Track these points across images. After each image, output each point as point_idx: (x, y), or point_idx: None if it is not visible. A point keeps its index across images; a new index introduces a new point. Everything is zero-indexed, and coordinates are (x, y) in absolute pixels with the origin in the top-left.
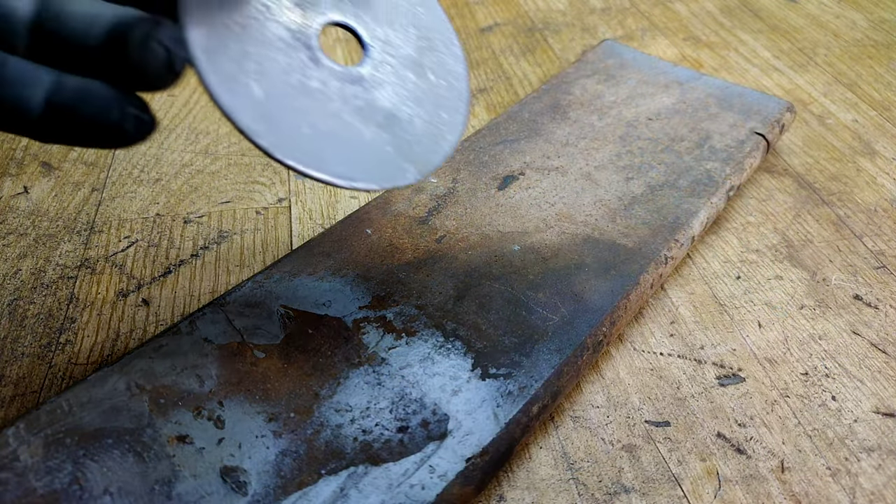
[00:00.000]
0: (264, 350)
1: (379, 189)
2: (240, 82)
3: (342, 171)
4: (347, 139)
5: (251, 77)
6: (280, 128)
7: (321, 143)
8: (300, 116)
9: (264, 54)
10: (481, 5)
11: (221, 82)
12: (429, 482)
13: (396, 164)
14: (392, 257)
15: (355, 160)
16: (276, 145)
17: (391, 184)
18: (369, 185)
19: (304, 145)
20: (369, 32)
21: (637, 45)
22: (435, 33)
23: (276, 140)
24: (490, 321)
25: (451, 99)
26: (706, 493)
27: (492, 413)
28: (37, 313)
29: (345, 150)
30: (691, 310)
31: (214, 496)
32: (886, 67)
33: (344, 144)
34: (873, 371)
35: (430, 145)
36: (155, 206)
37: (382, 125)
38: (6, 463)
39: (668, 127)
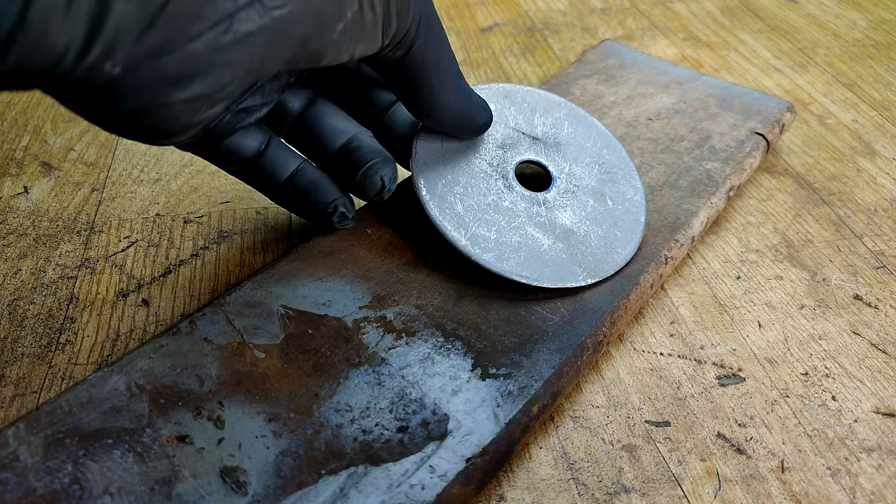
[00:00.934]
0: (264, 350)
1: (551, 287)
2: (447, 200)
3: (520, 269)
4: (527, 245)
5: (457, 197)
6: (474, 234)
7: (505, 247)
8: (490, 226)
9: (469, 181)
10: (481, 5)
11: (433, 199)
12: (429, 482)
13: (569, 269)
14: (392, 257)
15: (532, 262)
16: (468, 247)
17: (563, 284)
18: (542, 283)
19: (491, 248)
20: (557, 168)
21: (637, 45)
22: (617, 169)
23: (468, 243)
24: (490, 321)
25: (628, 221)
26: (706, 493)
27: (492, 413)
28: (37, 313)
29: (524, 253)
30: (691, 310)
31: (214, 496)
32: (886, 67)
33: (524, 249)
34: (873, 371)
35: (602, 256)
36: (155, 206)
37: (560, 237)
38: (6, 463)
39: (668, 127)
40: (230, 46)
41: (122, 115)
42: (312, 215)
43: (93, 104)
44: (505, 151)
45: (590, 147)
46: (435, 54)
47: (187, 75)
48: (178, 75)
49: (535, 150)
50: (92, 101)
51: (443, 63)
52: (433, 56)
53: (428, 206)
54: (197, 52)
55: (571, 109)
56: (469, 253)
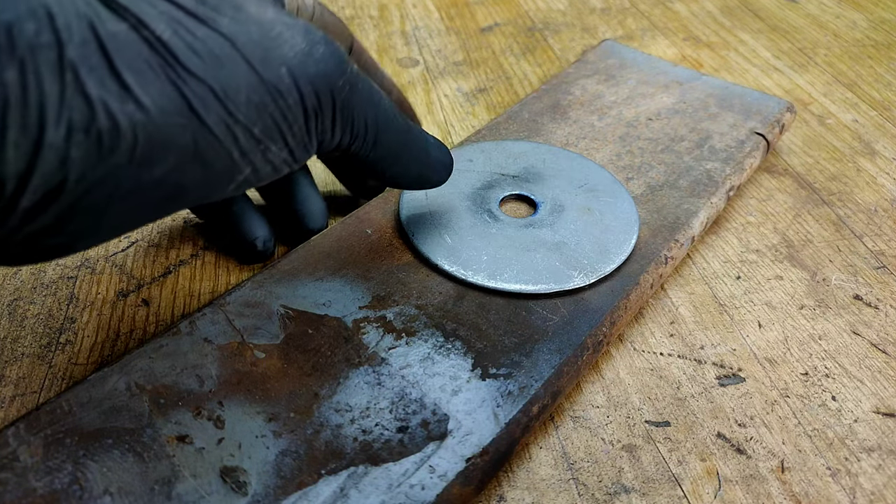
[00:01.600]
0: (264, 350)
1: (548, 291)
2: (435, 237)
3: (515, 281)
4: (519, 261)
5: (444, 233)
6: (465, 260)
7: (497, 265)
8: (480, 251)
9: (455, 219)
10: (481, 5)
11: (424, 243)
12: (429, 482)
13: (564, 273)
14: (392, 257)
15: (526, 273)
16: (460, 271)
17: (560, 287)
18: (538, 290)
19: (483, 268)
20: (541, 195)
21: (637, 45)
22: (601, 186)
23: (459, 267)
24: (490, 321)
25: (620, 225)
26: (706, 493)
27: (492, 413)
28: (37, 313)
29: (517, 268)
30: (691, 310)
31: (214, 496)
32: (886, 67)
33: (516, 264)
34: (873, 371)
35: (597, 258)
36: None
37: (552, 249)
38: (6, 463)
39: (668, 127)
40: (112, 220)
41: (15, 261)
42: (233, 243)
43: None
44: (487, 191)
45: (571, 173)
46: (384, 149)
47: (68, 246)
48: (61, 246)
49: (516, 185)
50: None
51: (395, 151)
52: (381, 151)
53: (417, 243)
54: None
55: (550, 148)
56: (462, 276)
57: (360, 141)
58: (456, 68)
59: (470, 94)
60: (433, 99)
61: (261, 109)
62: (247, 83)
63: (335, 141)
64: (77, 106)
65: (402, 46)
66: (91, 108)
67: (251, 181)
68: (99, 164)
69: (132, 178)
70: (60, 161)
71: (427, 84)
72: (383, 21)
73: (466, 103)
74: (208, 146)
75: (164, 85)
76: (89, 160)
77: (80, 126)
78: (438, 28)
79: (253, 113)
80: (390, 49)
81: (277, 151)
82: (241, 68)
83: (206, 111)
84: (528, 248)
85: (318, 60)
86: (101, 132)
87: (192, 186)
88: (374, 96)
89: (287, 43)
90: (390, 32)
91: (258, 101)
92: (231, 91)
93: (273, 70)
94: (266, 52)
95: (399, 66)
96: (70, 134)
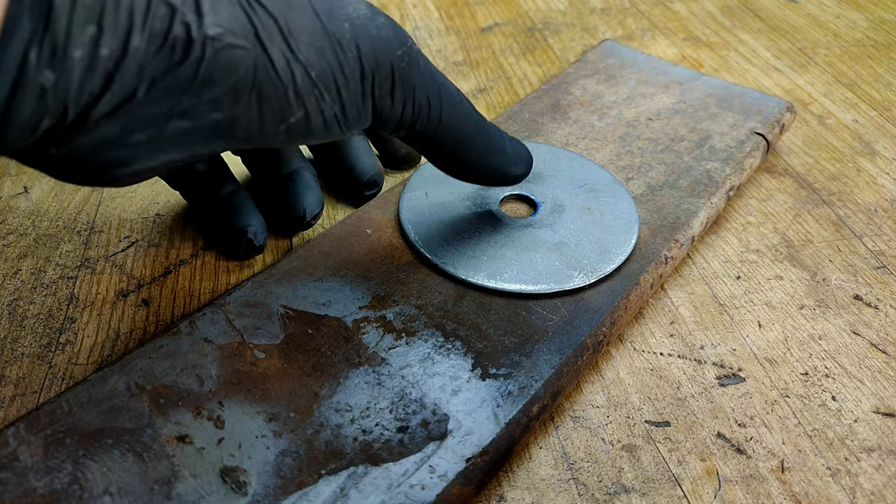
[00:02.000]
0: (264, 350)
1: (548, 291)
2: (435, 239)
3: (515, 281)
4: (519, 261)
5: (444, 235)
6: (465, 260)
7: (497, 265)
8: (480, 252)
9: (455, 220)
10: (481, 5)
11: (424, 243)
12: (429, 482)
13: (564, 273)
14: (392, 257)
15: (526, 273)
16: (460, 270)
17: (560, 287)
18: (538, 289)
19: (483, 268)
20: (541, 195)
21: (637, 45)
22: (601, 186)
23: (460, 266)
24: (490, 321)
25: (620, 225)
26: (706, 493)
27: (492, 413)
28: (37, 313)
29: (517, 268)
30: (691, 310)
31: (214, 496)
32: (886, 67)
33: (516, 264)
34: (873, 371)
35: (597, 258)
36: (155, 206)
37: (552, 249)
38: (6, 463)
39: (668, 127)
40: (168, 139)
41: (73, 177)
42: (225, 234)
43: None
44: (487, 190)
45: (571, 173)
46: (452, 132)
47: (127, 160)
48: (120, 159)
49: (519, 187)
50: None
51: (465, 135)
52: (449, 134)
53: (417, 243)
54: (137, 142)
55: (551, 148)
56: (462, 276)
57: (425, 119)
58: (456, 68)
59: (470, 94)
60: None
61: (320, 54)
62: (311, 27)
63: (396, 113)
64: (160, 15)
65: None
66: (171, 17)
67: (301, 129)
68: (167, 74)
69: (193, 93)
70: (139, 67)
71: None
72: None
73: None
74: (267, 76)
75: (236, 9)
76: (160, 69)
77: (159, 34)
78: (438, 28)
79: (313, 55)
80: None
81: (331, 103)
82: (308, 13)
83: (271, 42)
84: (528, 248)
85: (380, 27)
86: (176, 42)
87: (245, 118)
88: (436, 76)
89: (352, 5)
90: None
91: (318, 46)
92: (295, 30)
93: (336, 23)
94: (332, 6)
95: None
96: (150, 41)
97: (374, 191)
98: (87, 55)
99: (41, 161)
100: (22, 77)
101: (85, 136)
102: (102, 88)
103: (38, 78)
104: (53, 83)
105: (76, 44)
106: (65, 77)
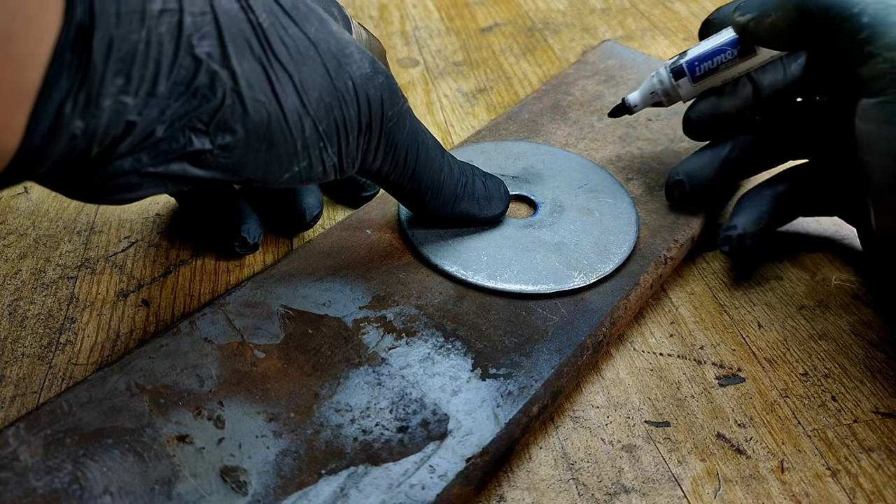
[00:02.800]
0: (264, 350)
1: (548, 291)
2: (435, 239)
3: (515, 281)
4: (520, 261)
5: (443, 234)
6: (465, 260)
7: (497, 266)
8: (480, 252)
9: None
10: (481, 5)
11: (424, 243)
12: (429, 482)
13: (564, 273)
14: (392, 257)
15: (526, 273)
16: (460, 271)
17: (560, 287)
18: (538, 290)
19: (483, 268)
20: (541, 195)
21: (637, 46)
22: (601, 187)
23: (460, 266)
24: (490, 321)
25: (619, 225)
26: (706, 493)
27: (492, 413)
28: (37, 313)
29: (517, 268)
30: (691, 310)
31: (214, 496)
32: None
33: (516, 264)
34: (873, 371)
35: (596, 258)
36: (155, 206)
37: (552, 250)
38: (6, 463)
39: (668, 127)
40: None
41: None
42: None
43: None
44: None
45: (571, 174)
46: (422, 182)
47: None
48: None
49: (516, 186)
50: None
51: (434, 184)
52: (420, 184)
53: (417, 243)
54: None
55: (550, 149)
56: (462, 276)
57: (400, 171)
58: (456, 68)
59: (470, 94)
60: (433, 99)
61: (328, 110)
62: (321, 83)
63: (375, 165)
64: (185, 65)
65: (402, 47)
66: (197, 67)
67: (301, 176)
68: (185, 117)
69: (207, 137)
70: (160, 111)
71: (427, 84)
72: (383, 21)
73: (466, 103)
74: (279, 128)
75: (255, 64)
76: (180, 113)
77: (182, 82)
78: (438, 28)
79: (322, 110)
80: (390, 49)
81: (331, 155)
82: (319, 69)
83: (285, 96)
84: (528, 248)
85: (378, 87)
86: (198, 90)
87: (252, 164)
88: (418, 133)
89: (356, 63)
90: (390, 33)
91: (327, 102)
92: (308, 86)
93: (342, 80)
94: (339, 63)
95: (399, 66)
96: (173, 88)
97: (374, 191)
98: (114, 103)
99: (54, 183)
100: (56, 125)
101: (100, 165)
102: (125, 131)
103: (71, 127)
104: (83, 130)
105: (106, 94)
106: (93, 123)
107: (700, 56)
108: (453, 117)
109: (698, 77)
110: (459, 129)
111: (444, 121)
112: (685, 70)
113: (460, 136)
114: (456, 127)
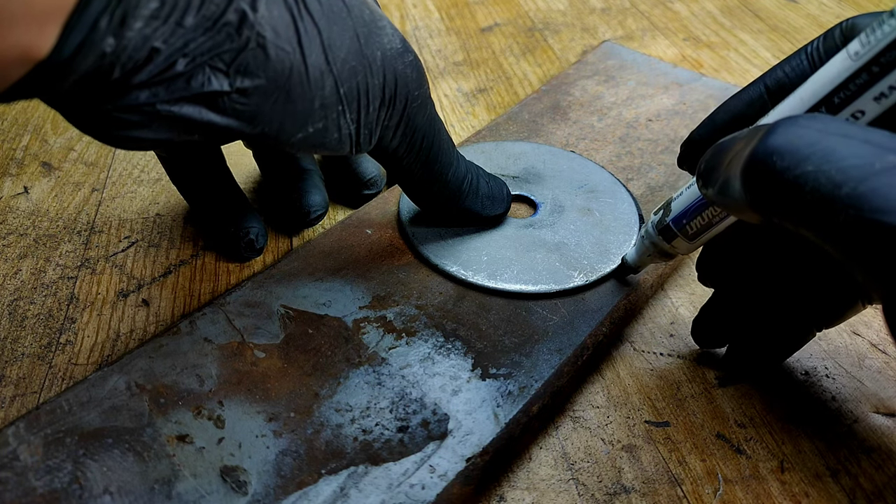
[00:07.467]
0: (264, 350)
1: (548, 291)
2: (435, 239)
3: (515, 280)
4: (520, 261)
5: (443, 234)
6: (465, 260)
7: (497, 266)
8: (480, 252)
9: None
10: (481, 5)
11: (424, 243)
12: (429, 482)
13: (564, 273)
14: (392, 257)
15: (526, 273)
16: (460, 271)
17: (560, 287)
18: (538, 289)
19: (483, 268)
20: (541, 196)
21: (637, 46)
22: (601, 187)
23: (460, 266)
24: (490, 321)
25: (620, 226)
26: (706, 493)
27: (492, 413)
28: (37, 313)
29: (517, 267)
30: (691, 310)
31: (214, 496)
32: None
33: (516, 264)
34: (873, 371)
35: (597, 258)
36: (155, 206)
37: (552, 250)
38: (6, 462)
39: (668, 128)
40: (190, 116)
41: (90, 129)
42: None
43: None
44: None
45: (571, 174)
46: (430, 172)
47: (146, 124)
48: (140, 122)
49: (516, 186)
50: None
51: (441, 176)
52: (428, 172)
53: (417, 243)
54: (161, 111)
55: (550, 149)
56: (462, 276)
57: (414, 155)
58: (456, 68)
59: (470, 94)
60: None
61: (352, 73)
62: (349, 46)
63: (394, 143)
64: (217, 0)
65: None
66: (227, 3)
67: (315, 140)
68: (208, 54)
69: (226, 78)
70: (184, 43)
71: None
72: None
73: (466, 103)
74: (299, 81)
75: (285, 13)
76: (203, 49)
77: (211, 16)
78: (438, 28)
79: (345, 72)
80: None
81: (349, 122)
82: (349, 33)
83: (310, 50)
84: (528, 248)
85: (407, 64)
86: (224, 27)
87: (267, 116)
88: (436, 122)
89: (388, 36)
90: None
91: (352, 66)
92: (335, 45)
93: (371, 49)
94: (370, 32)
95: None
96: (202, 21)
97: (374, 191)
98: (144, 26)
99: (67, 106)
100: (88, 40)
101: (117, 94)
102: (147, 58)
103: (102, 44)
104: (113, 49)
105: (139, 16)
106: (121, 44)
107: (686, 212)
108: (453, 117)
109: (693, 236)
110: (459, 129)
111: (445, 121)
112: (673, 229)
113: (460, 136)
114: (456, 127)
